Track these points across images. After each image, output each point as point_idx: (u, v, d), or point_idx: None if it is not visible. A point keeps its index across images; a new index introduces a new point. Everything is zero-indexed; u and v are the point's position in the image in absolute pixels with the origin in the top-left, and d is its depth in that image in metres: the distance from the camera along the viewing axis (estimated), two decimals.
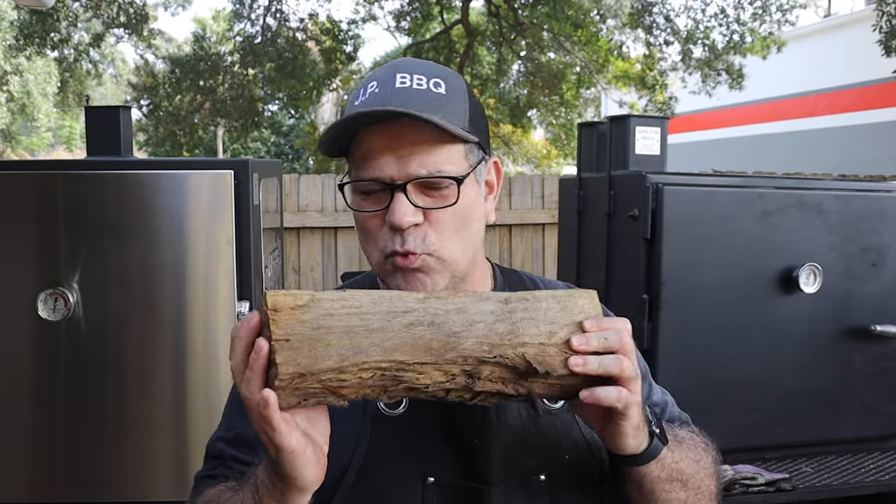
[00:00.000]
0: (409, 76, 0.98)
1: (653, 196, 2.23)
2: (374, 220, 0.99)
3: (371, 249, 1.02)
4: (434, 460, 0.98)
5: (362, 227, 1.01)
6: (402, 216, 0.95)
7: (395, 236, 0.97)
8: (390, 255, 0.98)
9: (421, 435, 0.98)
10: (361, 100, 0.99)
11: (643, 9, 10.66)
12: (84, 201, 2.25)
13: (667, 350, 2.25)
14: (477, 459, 0.98)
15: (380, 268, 1.01)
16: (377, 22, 13.28)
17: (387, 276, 1.01)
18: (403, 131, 0.95)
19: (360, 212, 1.00)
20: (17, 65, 14.43)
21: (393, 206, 0.96)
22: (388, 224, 0.97)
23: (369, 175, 0.96)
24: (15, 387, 2.28)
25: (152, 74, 13.96)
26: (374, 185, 0.97)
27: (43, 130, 19.22)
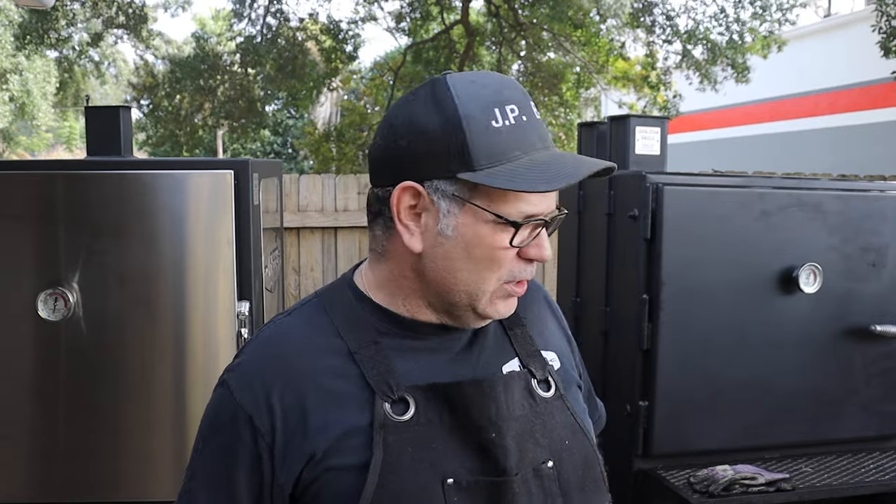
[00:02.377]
0: (532, 104, 1.00)
1: (653, 196, 2.23)
2: (511, 251, 0.99)
3: (488, 276, 0.99)
4: (451, 461, 0.97)
5: (495, 258, 0.98)
6: (549, 251, 1.01)
7: (528, 267, 1.01)
8: (511, 282, 1.01)
9: (433, 437, 0.97)
10: (506, 123, 0.96)
11: (643, 9, 10.65)
12: (84, 201, 2.24)
13: (667, 350, 2.25)
14: (495, 453, 0.98)
15: (487, 296, 1.00)
16: (377, 22, 13.28)
17: (488, 303, 1.01)
18: None
19: (505, 247, 0.97)
20: (17, 63, 14.42)
21: (543, 242, 1.00)
22: (533, 257, 1.00)
23: (533, 212, 0.97)
24: (15, 387, 2.28)
25: (152, 75, 13.95)
26: (535, 221, 0.98)
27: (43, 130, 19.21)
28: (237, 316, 2.26)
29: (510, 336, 1.11)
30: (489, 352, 1.07)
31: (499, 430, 0.98)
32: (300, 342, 1.02)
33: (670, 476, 2.22)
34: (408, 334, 1.03)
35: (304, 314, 1.06)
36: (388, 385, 0.97)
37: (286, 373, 0.99)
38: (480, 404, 0.98)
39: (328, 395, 0.97)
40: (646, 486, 2.28)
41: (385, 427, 0.95)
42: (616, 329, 2.45)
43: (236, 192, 2.25)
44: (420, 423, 0.97)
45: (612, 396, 2.44)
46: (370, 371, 0.98)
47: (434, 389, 0.98)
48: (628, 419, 2.31)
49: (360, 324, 1.02)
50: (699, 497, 2.07)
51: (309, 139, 17.34)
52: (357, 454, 0.95)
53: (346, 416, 0.96)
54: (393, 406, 0.96)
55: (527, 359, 1.09)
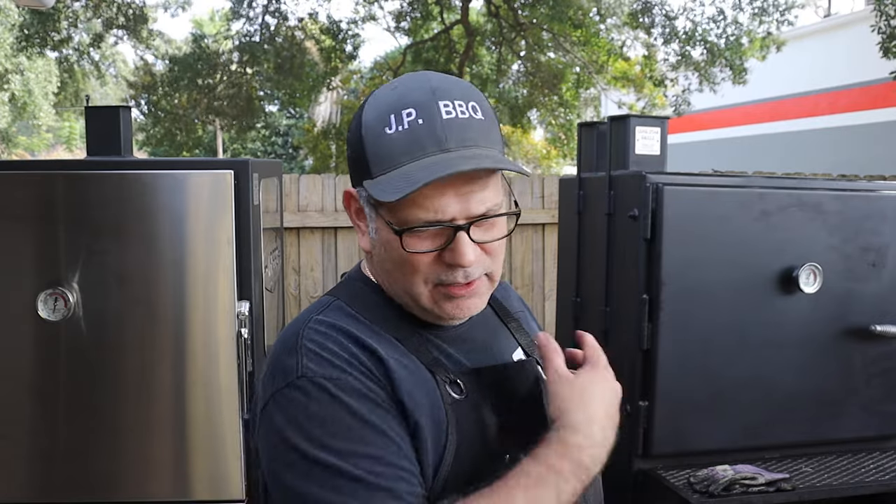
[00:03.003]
0: (451, 103, 0.96)
1: (653, 196, 2.23)
2: (424, 256, 0.98)
3: (413, 280, 1.00)
4: (505, 438, 1.02)
5: (406, 262, 0.99)
6: (470, 258, 0.97)
7: (454, 272, 0.99)
8: (445, 285, 1.00)
9: (487, 416, 1.02)
10: (401, 129, 0.95)
11: (643, 9, 10.66)
12: (84, 201, 2.24)
13: (667, 350, 2.25)
14: (539, 430, 1.01)
15: (424, 296, 1.02)
16: (377, 22, 13.28)
17: (430, 304, 1.02)
18: None
19: (413, 253, 0.97)
20: (18, 64, 14.43)
21: (459, 248, 0.97)
22: (450, 262, 0.98)
23: (430, 217, 0.95)
24: (15, 387, 2.28)
25: (151, 74, 13.96)
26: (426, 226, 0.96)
27: (44, 130, 19.22)
28: (237, 316, 2.26)
29: (509, 328, 1.18)
30: (498, 342, 1.14)
31: (540, 406, 1.07)
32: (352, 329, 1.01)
33: (670, 476, 2.22)
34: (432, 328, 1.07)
35: (335, 311, 1.05)
36: (442, 367, 1.02)
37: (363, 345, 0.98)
38: (524, 382, 1.07)
39: (404, 367, 0.99)
40: (646, 486, 2.28)
41: (452, 405, 1.00)
42: (616, 329, 2.45)
43: (236, 192, 2.25)
44: (472, 401, 1.02)
45: None
46: (423, 356, 1.02)
47: (478, 373, 1.05)
48: (628, 419, 2.31)
49: (391, 317, 1.05)
50: (699, 497, 2.07)
51: (308, 136, 17.36)
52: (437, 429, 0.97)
53: (421, 390, 0.99)
54: (451, 386, 1.01)
55: (528, 348, 1.17)
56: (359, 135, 0.99)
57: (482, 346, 1.10)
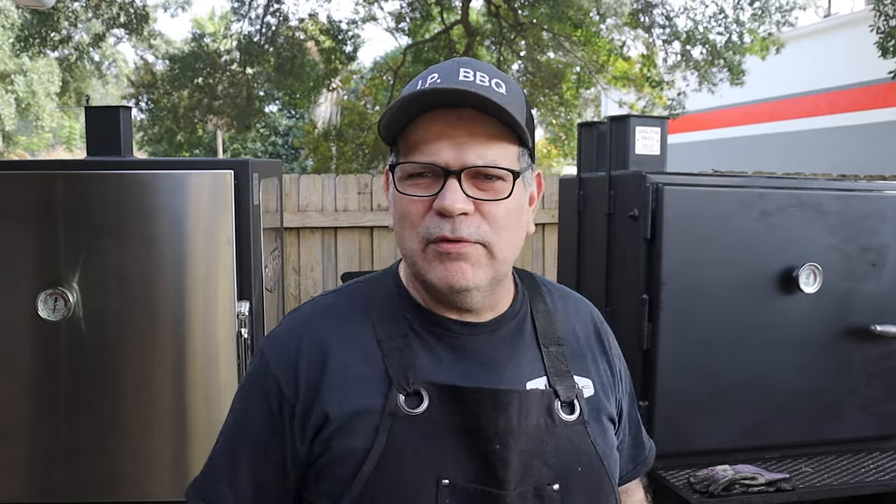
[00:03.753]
0: (473, 72, 0.98)
1: (653, 196, 2.23)
2: (418, 204, 0.97)
3: (409, 236, 0.99)
4: (450, 462, 0.97)
5: (404, 213, 0.99)
6: (453, 202, 0.94)
7: (443, 222, 0.96)
8: (434, 240, 0.96)
9: (439, 435, 0.97)
10: (422, 88, 0.97)
11: (643, 9, 10.66)
12: (84, 201, 2.24)
13: (667, 350, 2.25)
14: (495, 464, 0.96)
15: (418, 256, 0.99)
16: (377, 22, 13.28)
17: (425, 266, 0.99)
18: (464, 120, 0.96)
19: (405, 194, 0.97)
20: (21, 64, 14.44)
21: (444, 192, 0.95)
22: (437, 209, 0.95)
23: (424, 159, 0.96)
24: (15, 387, 2.28)
25: (152, 73, 13.96)
26: (424, 170, 0.96)
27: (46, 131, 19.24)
28: (237, 316, 2.26)
29: (543, 353, 1.08)
30: (518, 364, 1.05)
31: (504, 442, 0.97)
32: (334, 322, 1.05)
33: (670, 476, 2.22)
34: (437, 329, 1.03)
35: (344, 297, 1.10)
36: (405, 377, 0.99)
37: (317, 343, 1.03)
38: (489, 414, 0.97)
39: (351, 374, 1.00)
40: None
41: (394, 416, 0.97)
42: (616, 329, 2.44)
43: (236, 192, 2.25)
44: (430, 419, 0.97)
45: None
46: (392, 361, 1.00)
47: (450, 390, 0.98)
48: None
49: (394, 315, 1.05)
50: (699, 497, 2.07)
51: (308, 138, 17.35)
52: (364, 437, 0.97)
53: (362, 397, 0.98)
54: (407, 398, 0.98)
55: (554, 378, 1.06)
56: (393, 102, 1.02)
57: (494, 363, 1.03)
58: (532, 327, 1.10)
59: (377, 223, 4.14)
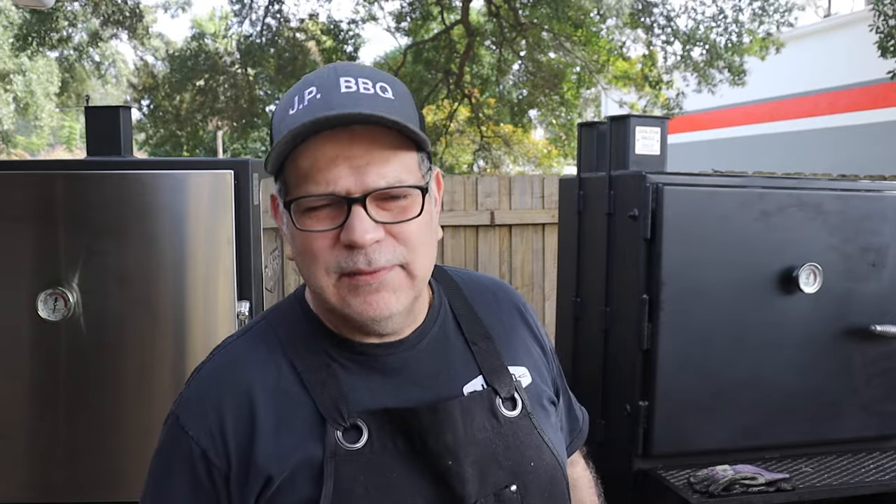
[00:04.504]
0: (354, 80, 0.90)
1: (653, 196, 2.23)
2: (322, 240, 0.89)
3: (316, 272, 0.91)
4: (404, 492, 0.92)
5: (306, 249, 0.91)
6: (363, 233, 0.87)
7: (355, 254, 0.88)
8: (349, 273, 0.89)
9: (387, 466, 0.92)
10: (301, 108, 0.89)
11: (643, 9, 10.66)
12: (84, 201, 2.24)
13: (667, 350, 2.25)
14: (451, 482, 0.92)
15: (329, 291, 0.91)
16: (377, 22, 13.28)
17: (339, 300, 0.92)
18: (357, 137, 0.87)
19: (308, 232, 0.89)
20: (20, 64, 14.44)
21: (352, 223, 0.87)
22: (346, 242, 0.88)
23: (322, 189, 0.87)
24: (15, 387, 2.28)
25: (152, 75, 13.96)
26: (321, 201, 0.88)
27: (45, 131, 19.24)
28: (237, 316, 2.26)
29: (473, 351, 1.03)
30: (450, 370, 1.00)
31: (456, 457, 0.93)
32: (251, 367, 0.97)
33: (670, 476, 2.22)
34: (358, 357, 0.97)
35: (253, 338, 1.02)
36: (338, 411, 0.92)
37: (238, 399, 0.95)
38: (437, 431, 0.92)
39: (282, 422, 0.93)
40: (646, 486, 2.28)
41: (336, 456, 0.90)
42: (616, 329, 2.45)
43: (236, 192, 2.25)
44: (374, 450, 0.92)
45: (612, 396, 2.44)
46: (320, 397, 0.93)
47: (388, 414, 0.93)
48: (628, 419, 2.31)
49: (309, 346, 0.97)
50: (699, 497, 2.07)
51: None
52: (309, 487, 0.90)
53: (299, 445, 0.92)
54: (345, 433, 0.91)
55: (491, 375, 1.01)
56: (270, 124, 0.95)
57: (426, 376, 0.98)
58: (456, 327, 1.04)
59: None
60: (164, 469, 0.98)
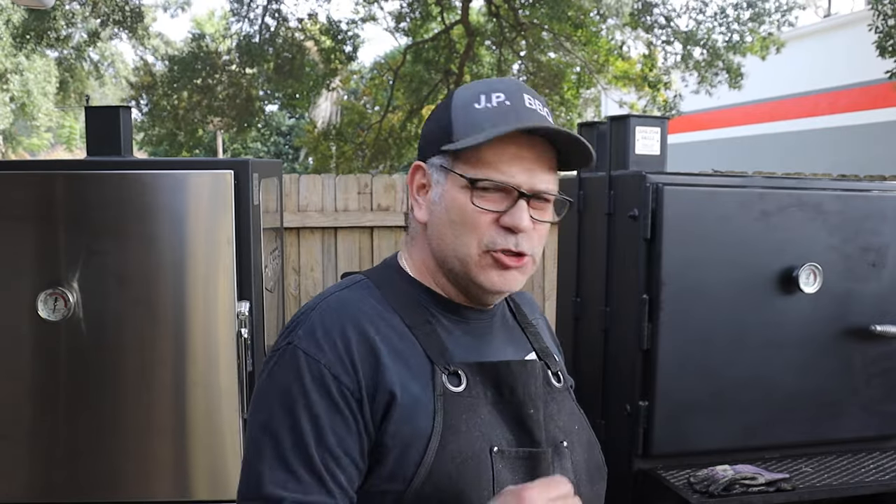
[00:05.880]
0: (533, 99, 1.11)
1: (653, 196, 2.23)
2: (485, 216, 1.07)
3: (468, 241, 1.08)
4: (495, 431, 1.07)
5: (468, 221, 1.08)
6: (526, 222, 1.07)
7: (508, 236, 1.08)
8: (496, 251, 1.08)
9: (480, 408, 1.07)
10: (489, 106, 1.09)
11: (643, 9, 10.65)
12: (84, 201, 2.24)
13: (667, 350, 2.25)
14: (532, 427, 1.09)
15: (473, 260, 1.09)
16: (377, 22, 13.28)
17: (477, 270, 1.09)
18: (535, 148, 1.08)
19: (477, 207, 1.07)
20: (17, 63, 14.43)
21: (517, 212, 1.07)
22: (509, 226, 1.07)
23: (502, 179, 1.07)
24: (15, 387, 2.28)
25: (151, 74, 13.95)
26: (495, 186, 1.07)
27: (43, 131, 19.23)
28: (237, 316, 2.26)
29: (526, 333, 1.24)
30: (514, 343, 1.20)
31: (536, 406, 1.11)
32: (365, 309, 1.10)
33: (670, 476, 2.22)
34: (451, 316, 1.14)
35: (359, 289, 1.14)
36: (444, 358, 1.08)
37: (360, 332, 1.06)
38: (524, 382, 1.11)
39: (398, 357, 1.06)
40: (646, 486, 2.28)
41: (445, 395, 1.05)
42: (616, 329, 2.45)
43: (236, 192, 2.25)
44: (471, 395, 1.07)
45: (612, 396, 2.44)
46: (428, 346, 1.09)
47: (483, 366, 1.10)
48: (628, 419, 2.31)
49: (411, 303, 1.13)
50: (699, 497, 2.07)
51: (308, 137, 17.35)
52: (423, 419, 1.03)
53: (414, 379, 1.06)
54: (449, 378, 1.07)
55: (541, 353, 1.22)
56: (448, 108, 1.12)
57: (500, 342, 1.17)
58: (511, 314, 1.26)
59: (377, 223, 4.14)
60: (297, 395, 1.04)
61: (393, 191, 4.15)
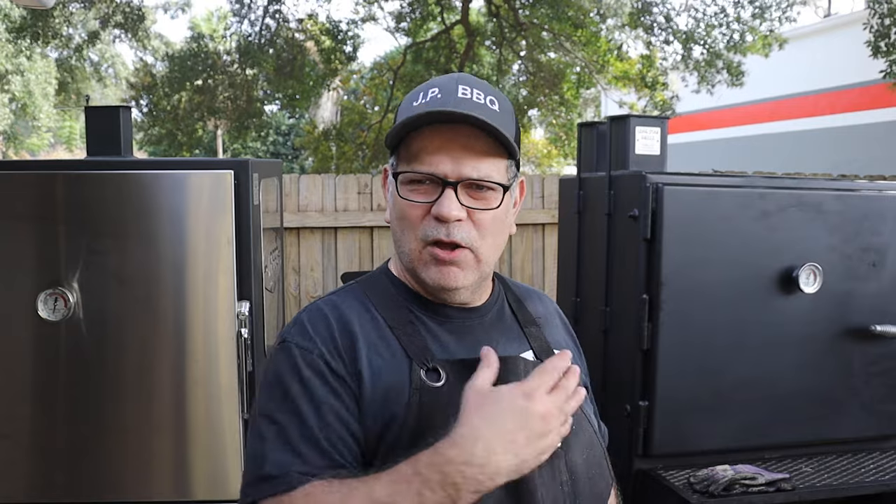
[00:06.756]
0: (470, 89, 1.11)
1: (653, 196, 2.23)
2: (417, 209, 1.10)
3: (408, 236, 1.12)
4: None
5: (404, 216, 1.12)
6: (450, 210, 1.07)
7: (439, 226, 1.09)
8: (431, 243, 1.10)
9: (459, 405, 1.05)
10: (422, 101, 1.11)
11: (643, 8, 10.65)
12: (84, 201, 2.24)
13: (667, 350, 2.25)
14: None
15: (415, 256, 1.12)
16: (377, 22, 13.27)
17: (420, 266, 1.12)
18: (461, 136, 1.08)
19: (407, 200, 1.10)
20: (18, 64, 14.44)
21: (443, 200, 1.08)
22: (435, 215, 1.08)
23: (425, 169, 1.08)
24: (15, 387, 2.28)
25: (151, 75, 13.95)
26: (424, 178, 1.09)
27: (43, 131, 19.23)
28: (237, 316, 2.26)
29: (525, 332, 1.24)
30: (507, 342, 1.20)
31: None
32: (349, 310, 1.15)
33: (670, 476, 2.22)
34: (434, 316, 1.16)
35: (345, 294, 1.20)
36: (423, 355, 1.11)
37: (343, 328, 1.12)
38: (503, 378, 1.07)
39: (374, 351, 1.11)
40: (646, 486, 2.28)
41: (421, 390, 1.08)
42: (616, 329, 2.45)
43: (236, 192, 2.25)
44: (450, 391, 1.08)
45: (612, 396, 2.44)
46: (407, 343, 1.12)
47: (462, 364, 1.11)
48: (628, 419, 2.31)
49: (395, 305, 1.16)
50: (699, 497, 2.07)
51: (308, 137, 17.35)
52: (396, 407, 1.07)
53: (390, 372, 1.09)
54: (427, 374, 1.09)
55: (540, 352, 1.22)
56: (396, 112, 1.16)
57: (487, 341, 1.16)
58: (511, 313, 1.26)
59: (377, 223, 4.14)
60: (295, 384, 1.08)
61: None
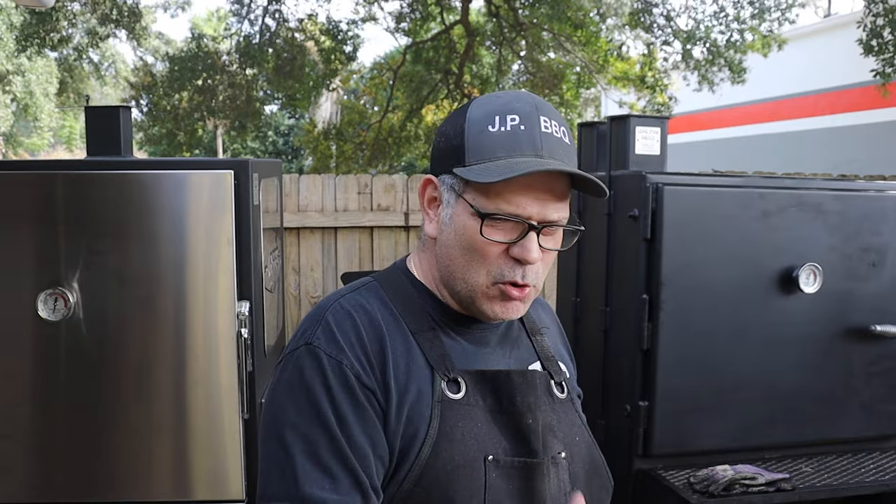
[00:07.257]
0: (549, 121, 1.08)
1: (653, 196, 2.23)
2: (495, 247, 1.07)
3: (477, 270, 1.08)
4: (492, 440, 1.08)
5: (478, 249, 1.07)
6: (535, 255, 1.06)
7: (516, 268, 1.07)
8: (504, 282, 1.07)
9: (478, 417, 1.08)
10: (503, 130, 1.06)
11: (643, 8, 10.65)
12: (84, 201, 2.24)
13: (667, 350, 2.25)
14: (529, 437, 1.09)
15: (480, 290, 1.09)
16: (377, 22, 13.27)
17: (483, 300, 1.09)
18: (547, 177, 1.05)
19: (486, 239, 1.06)
20: (19, 65, 14.45)
21: (527, 244, 1.06)
22: (517, 257, 1.06)
23: (511, 210, 1.05)
24: (15, 387, 2.28)
25: (151, 75, 13.95)
26: (507, 217, 1.05)
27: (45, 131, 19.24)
28: (237, 316, 2.26)
29: (533, 341, 1.24)
30: (518, 351, 1.20)
31: (535, 416, 1.11)
32: (378, 314, 1.11)
33: (670, 476, 2.22)
34: (453, 325, 1.14)
35: (369, 293, 1.15)
36: (444, 365, 1.09)
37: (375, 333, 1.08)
38: (524, 391, 1.11)
39: (402, 361, 1.08)
40: (646, 486, 2.28)
41: (442, 402, 1.06)
42: (616, 329, 2.45)
43: (236, 192, 2.25)
44: (469, 402, 1.08)
45: (612, 396, 2.44)
46: (429, 352, 1.10)
47: (482, 374, 1.10)
48: (628, 419, 2.31)
49: (416, 308, 1.14)
50: (699, 497, 2.07)
51: (308, 137, 17.35)
52: (420, 422, 1.05)
53: (416, 383, 1.07)
54: (448, 384, 1.08)
55: (546, 362, 1.22)
56: (461, 128, 1.09)
57: (502, 352, 1.17)
58: (519, 322, 1.24)
59: (377, 223, 4.14)
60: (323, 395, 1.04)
61: (393, 191, 4.15)
